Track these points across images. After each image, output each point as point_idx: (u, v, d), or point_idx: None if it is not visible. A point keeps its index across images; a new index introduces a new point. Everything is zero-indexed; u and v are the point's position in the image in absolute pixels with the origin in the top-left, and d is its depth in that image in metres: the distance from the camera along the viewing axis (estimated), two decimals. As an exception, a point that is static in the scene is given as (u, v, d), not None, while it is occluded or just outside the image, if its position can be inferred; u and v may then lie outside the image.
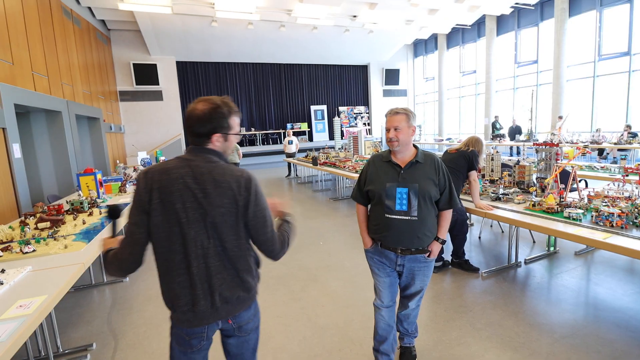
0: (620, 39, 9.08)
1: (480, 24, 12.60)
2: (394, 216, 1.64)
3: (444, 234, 1.76)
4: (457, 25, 12.16)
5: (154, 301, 2.88)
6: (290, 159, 9.16)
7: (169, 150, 11.65)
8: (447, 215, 1.76)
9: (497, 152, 3.61)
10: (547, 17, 10.64)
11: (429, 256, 1.71)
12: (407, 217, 1.63)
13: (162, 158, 9.00)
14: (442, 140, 12.15)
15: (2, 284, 1.55)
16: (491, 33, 12.00)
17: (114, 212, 1.30)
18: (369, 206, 1.82)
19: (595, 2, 9.34)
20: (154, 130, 12.00)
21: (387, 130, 1.69)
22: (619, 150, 7.77)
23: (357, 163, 6.31)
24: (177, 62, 12.36)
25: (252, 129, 13.76)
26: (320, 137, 14.68)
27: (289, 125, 14.03)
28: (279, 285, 3.09)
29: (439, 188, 1.68)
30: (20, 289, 1.52)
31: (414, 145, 1.75)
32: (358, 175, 1.90)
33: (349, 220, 5.21)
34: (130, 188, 4.19)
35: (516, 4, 10.34)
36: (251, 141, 13.47)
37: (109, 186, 3.94)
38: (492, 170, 3.57)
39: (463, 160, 2.90)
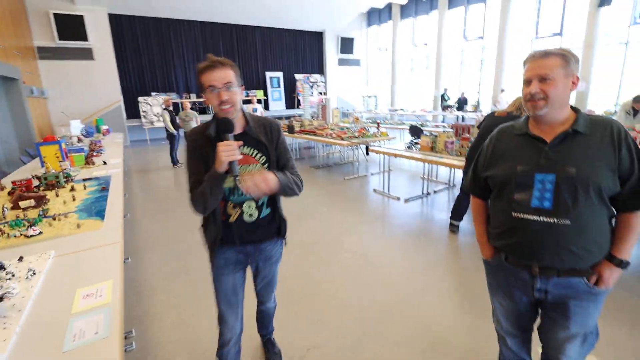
0: (554, 21, 10.12)
1: (433, -4, 12.92)
2: (529, 216, 1.10)
3: (628, 252, 1.10)
4: (412, -5, 12.29)
5: (175, 279, 2.71)
6: (254, 128, 8.74)
7: (108, 118, 10.26)
8: (636, 221, 1.09)
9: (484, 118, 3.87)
10: (493, -6, 11.31)
11: (596, 284, 1.11)
12: (551, 220, 1.07)
13: (104, 127, 7.94)
14: (396, 110, 12.62)
15: (34, 273, 1.28)
16: (443, 6, 12.41)
17: (225, 125, 1.25)
18: (490, 201, 1.30)
19: (535, -18, 10.14)
20: (86, 95, 10.38)
21: (527, 82, 1.11)
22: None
23: (341, 131, 6.32)
24: (110, 15, 10.60)
25: (202, 95, 12.68)
26: (277, 105, 14.17)
27: (244, 93, 13.22)
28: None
29: (620, 175, 1.05)
30: (60, 278, 1.29)
31: (573, 108, 1.14)
32: (347, 141, 1.85)
33: (340, 187, 5.38)
34: (99, 160, 3.65)
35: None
36: (202, 109, 12.46)
37: (71, 157, 3.39)
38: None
39: None
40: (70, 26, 9.78)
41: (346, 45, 15.56)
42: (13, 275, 1.26)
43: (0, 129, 6.26)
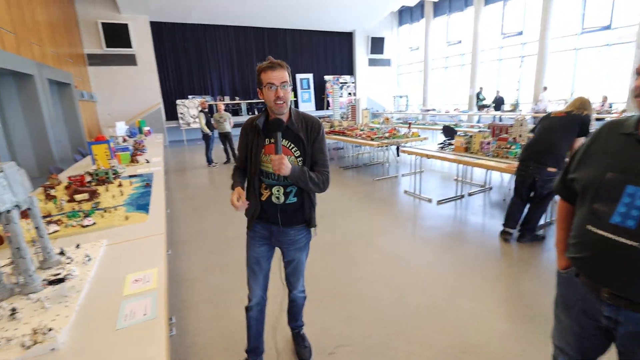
0: (602, 14, 9.40)
1: (468, -8, 12.48)
2: (605, 233, 0.94)
3: None
4: (446, -8, 11.95)
5: (211, 272, 2.84)
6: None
7: (149, 119, 10.89)
8: None
9: (524, 117, 3.69)
10: (534, -13, 10.72)
11: None
12: (631, 242, 0.88)
13: (146, 128, 8.41)
14: (428, 110, 12.29)
15: (89, 259, 1.39)
16: (479, 2, 11.94)
17: (276, 125, 1.39)
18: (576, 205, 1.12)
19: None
20: (130, 98, 11.09)
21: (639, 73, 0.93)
22: (597, 120, 8.28)
23: (371, 132, 6.27)
24: (152, 23, 11.25)
25: (237, 97, 13.11)
26: (307, 107, 14.32)
27: (274, 95, 13.49)
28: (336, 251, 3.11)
29: None
30: (112, 264, 1.39)
31: None
32: (377, 142, 1.84)
33: (369, 187, 5.33)
34: (142, 158, 3.88)
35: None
36: (235, 111, 12.87)
37: (118, 156, 3.63)
38: (519, 136, 3.67)
39: (577, 125, 2.65)
40: (116, 34, 10.50)
41: (376, 45, 15.42)
42: (72, 260, 1.38)
43: (55, 130, 6.84)
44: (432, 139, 7.49)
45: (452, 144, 4.39)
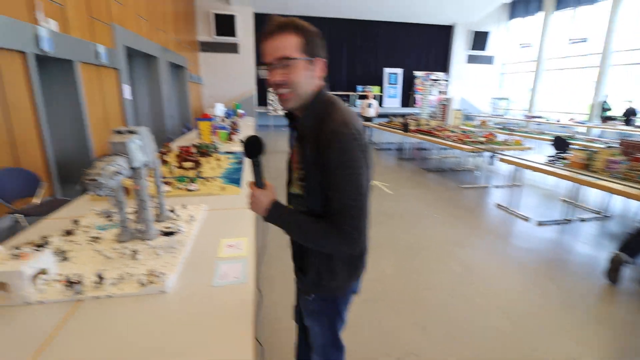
0: None
1: (606, -21, 10.45)
2: None
3: None
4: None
5: (285, 250, 2.93)
6: (367, 123, 8.79)
7: (244, 103, 11.87)
8: None
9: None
10: None
11: None
12: None
13: (240, 111, 9.14)
14: (534, 118, 10.77)
15: (193, 219, 1.53)
16: (621, -9, 9.91)
17: (256, 146, 0.94)
18: None
19: None
20: (229, 83, 12.21)
21: None
22: None
23: (464, 134, 5.78)
24: (255, 14, 12.12)
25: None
26: (392, 102, 13.90)
27: (359, 88, 13.41)
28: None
29: None
30: (210, 227, 1.52)
31: None
32: (464, 145, 1.32)
33: (454, 194, 4.94)
34: (236, 138, 4.20)
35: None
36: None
37: (218, 133, 3.99)
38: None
39: None
40: (225, 24, 11.60)
41: (479, 40, 14.05)
42: (179, 218, 1.54)
43: (169, 106, 7.93)
44: (537, 149, 6.56)
45: (566, 159, 3.74)
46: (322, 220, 0.89)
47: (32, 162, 3.46)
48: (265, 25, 0.89)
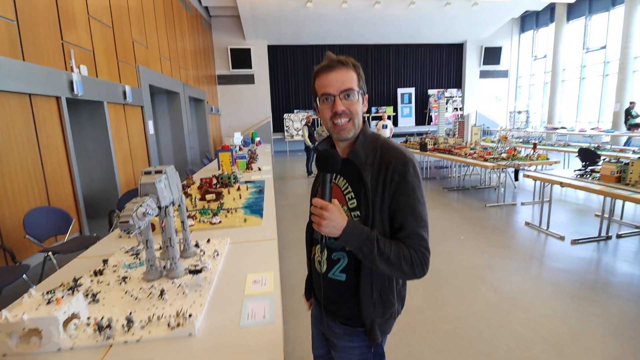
0: None
1: (618, -12, 10.37)
2: None
3: None
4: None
5: None
6: (383, 144, 8.76)
7: (260, 131, 12.17)
8: None
9: None
10: None
11: None
12: None
13: (257, 139, 9.36)
14: (556, 129, 10.46)
15: (217, 254, 1.52)
16: (634, -1, 9.77)
17: (331, 162, 0.87)
18: None
19: None
20: (245, 112, 12.62)
21: None
22: None
23: (484, 151, 5.66)
24: (269, 46, 12.67)
25: (315, 108, 13.62)
26: (406, 122, 13.91)
27: (373, 109, 13.56)
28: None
29: None
30: (234, 263, 1.51)
31: None
32: (492, 163, 1.12)
33: (480, 214, 4.77)
34: (255, 166, 4.26)
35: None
36: (335, 125, 13.32)
37: (237, 163, 4.06)
38: None
39: None
40: (241, 57, 12.16)
41: (491, 55, 14.06)
42: (204, 253, 1.54)
43: (190, 138, 8.24)
44: (563, 163, 6.32)
45: (597, 171, 3.57)
46: (399, 242, 0.89)
47: (62, 200, 3.62)
48: (325, 60, 0.95)
